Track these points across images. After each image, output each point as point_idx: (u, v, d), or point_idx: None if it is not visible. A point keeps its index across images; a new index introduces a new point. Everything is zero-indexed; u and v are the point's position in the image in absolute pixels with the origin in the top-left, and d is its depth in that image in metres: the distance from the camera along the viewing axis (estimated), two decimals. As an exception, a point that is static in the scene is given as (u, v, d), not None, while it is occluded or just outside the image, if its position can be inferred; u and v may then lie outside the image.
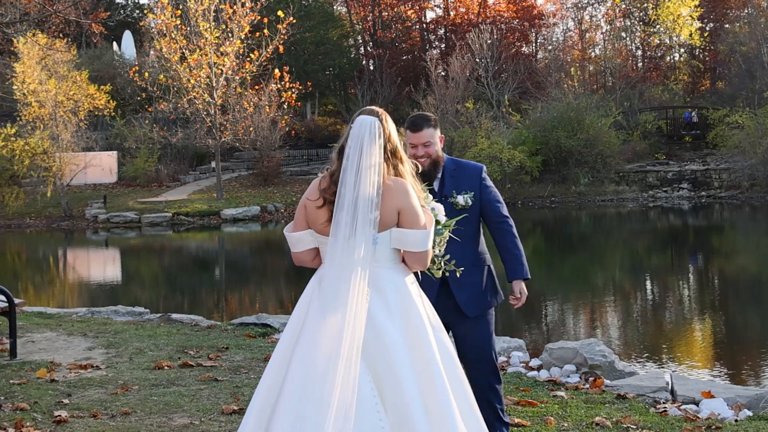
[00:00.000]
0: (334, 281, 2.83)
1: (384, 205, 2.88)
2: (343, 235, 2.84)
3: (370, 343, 2.79)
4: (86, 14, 36.28)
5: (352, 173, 2.86)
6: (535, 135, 31.07)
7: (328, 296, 2.83)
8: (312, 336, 2.81)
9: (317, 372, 2.72)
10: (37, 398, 5.31)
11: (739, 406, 5.06)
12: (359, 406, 2.70)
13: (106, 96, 30.49)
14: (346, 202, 2.85)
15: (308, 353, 2.80)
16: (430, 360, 2.81)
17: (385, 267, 2.92)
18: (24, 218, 28.84)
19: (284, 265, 19.51)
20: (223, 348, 6.88)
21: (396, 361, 2.76)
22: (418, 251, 2.93)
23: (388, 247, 2.93)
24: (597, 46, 46.02)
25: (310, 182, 3.16)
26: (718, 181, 31.71)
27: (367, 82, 39.12)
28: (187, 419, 4.89)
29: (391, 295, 2.88)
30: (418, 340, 2.84)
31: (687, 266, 17.28)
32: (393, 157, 2.97)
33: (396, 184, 2.92)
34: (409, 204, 2.91)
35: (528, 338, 9.28)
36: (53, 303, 13.25)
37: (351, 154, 2.90)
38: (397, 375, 2.75)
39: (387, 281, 2.89)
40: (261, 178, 32.31)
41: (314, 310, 2.86)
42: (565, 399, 5.30)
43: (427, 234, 2.93)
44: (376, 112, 3.00)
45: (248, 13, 28.54)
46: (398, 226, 2.91)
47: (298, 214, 3.06)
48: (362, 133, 2.93)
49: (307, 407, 2.69)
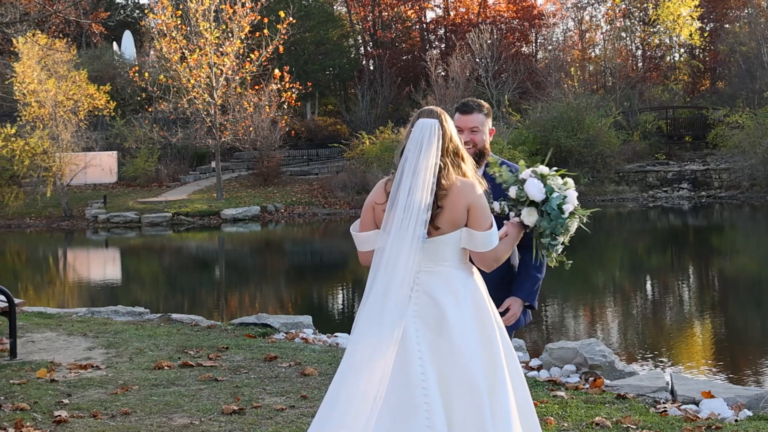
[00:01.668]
0: (385, 279, 2.90)
1: (453, 205, 2.95)
2: (396, 233, 2.91)
3: (442, 342, 2.88)
4: (86, 14, 36.31)
5: (408, 175, 2.93)
6: (535, 135, 31.07)
7: (378, 293, 2.91)
8: (357, 331, 2.93)
9: (355, 362, 2.84)
10: (37, 398, 5.32)
11: (739, 406, 5.06)
12: (407, 404, 2.80)
13: (106, 96, 30.46)
14: (400, 202, 2.91)
15: (352, 347, 2.91)
16: (497, 359, 2.92)
17: (453, 267, 3.00)
18: (24, 218, 28.84)
19: (284, 265, 19.52)
20: (223, 348, 6.88)
21: (468, 361, 2.86)
22: (484, 251, 3.00)
23: (457, 247, 3.00)
24: (597, 46, 46.01)
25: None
26: (718, 181, 31.71)
27: (367, 82, 39.11)
28: (187, 419, 4.89)
29: (463, 294, 2.96)
30: (489, 340, 2.95)
31: (687, 266, 17.28)
32: (455, 157, 3.03)
33: (464, 184, 2.99)
34: (478, 203, 2.98)
35: (528, 338, 9.28)
36: (53, 303, 13.25)
37: (410, 156, 2.96)
38: (468, 371, 2.85)
39: (458, 280, 2.98)
40: (261, 178, 32.31)
41: (364, 309, 2.95)
42: (565, 399, 5.30)
43: (492, 234, 2.99)
44: (436, 113, 3.04)
45: (248, 13, 28.54)
46: (467, 225, 2.98)
47: (366, 215, 3.12)
48: (422, 136, 2.99)
49: (340, 395, 2.82)
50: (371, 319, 2.87)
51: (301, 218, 28.39)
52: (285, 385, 5.70)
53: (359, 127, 34.21)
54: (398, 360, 2.82)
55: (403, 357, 2.84)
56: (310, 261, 20.49)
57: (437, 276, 2.97)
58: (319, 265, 19.45)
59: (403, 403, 2.80)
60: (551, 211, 3.18)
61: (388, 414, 2.79)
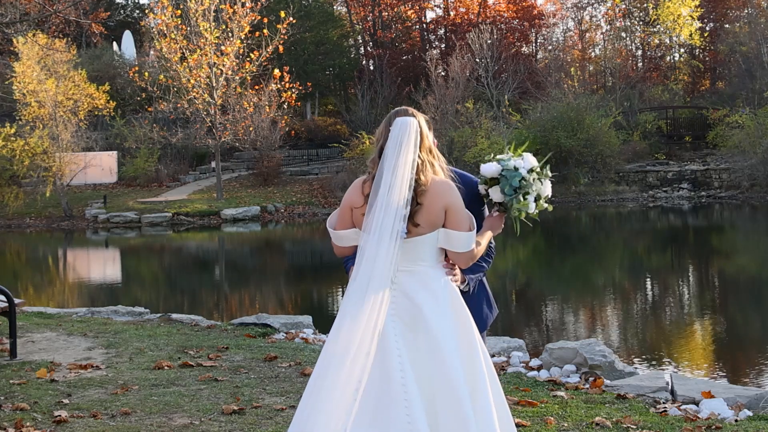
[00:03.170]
0: (366, 275, 2.94)
1: (431, 204, 3.00)
2: (375, 230, 2.95)
3: (421, 340, 2.92)
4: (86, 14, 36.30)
5: (388, 173, 2.96)
6: (535, 135, 31.04)
7: (360, 288, 2.95)
8: (340, 325, 2.94)
9: (337, 354, 2.88)
10: (37, 398, 5.32)
11: (739, 406, 5.06)
12: (387, 398, 2.84)
13: (105, 96, 30.45)
14: (379, 202, 2.95)
15: (333, 339, 2.94)
16: (476, 357, 2.98)
17: (430, 266, 3.05)
18: (24, 218, 28.83)
19: (284, 265, 19.52)
20: (223, 348, 6.88)
21: (447, 358, 2.90)
22: (463, 252, 3.05)
23: (435, 247, 3.05)
24: (597, 46, 46.00)
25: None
26: (718, 181, 31.71)
27: (367, 82, 39.10)
28: (187, 419, 4.89)
29: (440, 292, 3.01)
30: (468, 338, 3.00)
31: (687, 266, 17.27)
32: (429, 155, 3.07)
33: (441, 184, 3.04)
34: (456, 204, 3.03)
35: (528, 338, 9.28)
36: (53, 303, 13.25)
37: (389, 154, 3.00)
38: (448, 368, 2.89)
39: (435, 280, 3.03)
40: (261, 178, 32.31)
41: (347, 304, 2.98)
42: (565, 399, 5.30)
43: (472, 236, 3.04)
44: (412, 112, 3.10)
45: (248, 13, 28.53)
46: (444, 226, 3.02)
47: (343, 214, 3.16)
48: (401, 134, 3.03)
49: (322, 387, 2.85)
50: (354, 310, 2.90)
51: (301, 218, 28.39)
52: (285, 385, 5.70)
53: (359, 127, 34.20)
54: (378, 358, 2.87)
55: (382, 355, 2.88)
56: (310, 261, 20.49)
57: (415, 275, 3.01)
58: (319, 265, 19.45)
59: (383, 398, 2.84)
60: (507, 173, 3.34)
61: (369, 409, 2.83)
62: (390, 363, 2.87)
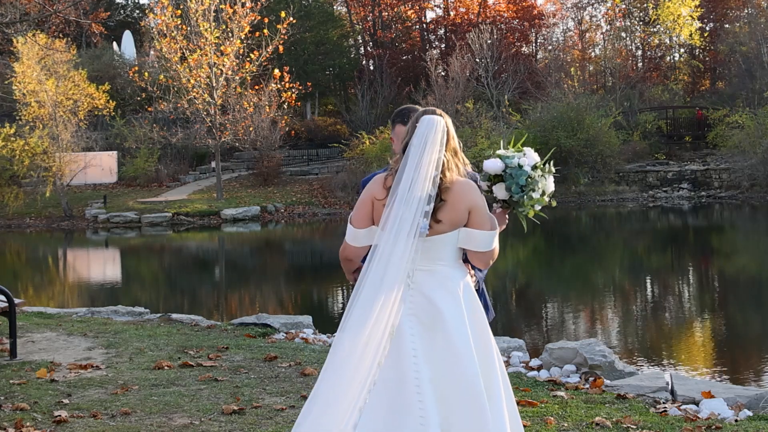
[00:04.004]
0: (379, 273, 2.92)
1: (456, 203, 3.00)
2: (393, 225, 2.93)
3: (438, 340, 2.92)
4: (86, 14, 36.33)
5: (411, 169, 2.95)
6: (535, 135, 31.05)
7: (372, 286, 2.92)
8: (352, 323, 2.92)
9: (345, 352, 2.86)
10: (37, 398, 5.32)
11: (739, 406, 5.05)
12: (400, 399, 2.83)
13: (105, 96, 30.45)
14: (399, 196, 2.94)
15: (341, 338, 2.92)
16: (491, 358, 3.00)
17: (449, 266, 3.04)
18: (24, 218, 28.83)
19: (284, 265, 19.52)
20: (223, 348, 6.88)
21: (464, 359, 2.90)
22: (484, 251, 3.05)
23: (455, 246, 3.05)
24: (597, 46, 46.00)
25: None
26: (718, 181, 31.71)
27: (367, 82, 39.10)
28: (187, 419, 4.89)
29: (459, 293, 3.00)
30: (484, 338, 3.01)
31: (687, 266, 17.27)
32: (455, 156, 3.08)
33: (466, 185, 3.04)
34: (480, 204, 3.04)
35: (528, 338, 9.28)
36: (53, 303, 13.25)
37: (413, 151, 2.99)
38: (465, 369, 2.89)
39: (453, 280, 3.02)
40: (261, 178, 32.31)
41: (360, 298, 2.95)
42: (565, 399, 5.30)
43: (493, 235, 3.05)
44: (440, 112, 3.11)
45: (248, 13, 28.53)
46: (467, 226, 3.02)
47: (363, 210, 3.12)
48: (427, 131, 3.02)
49: (331, 384, 2.84)
50: (365, 311, 2.87)
51: (301, 218, 28.39)
52: (285, 385, 5.69)
53: (359, 127, 34.20)
54: (392, 358, 2.85)
55: (397, 355, 2.86)
56: (310, 261, 20.49)
57: (433, 275, 2.99)
58: (319, 265, 19.45)
59: (397, 400, 2.83)
60: (512, 170, 3.34)
61: (382, 411, 2.81)
62: (405, 363, 2.86)
